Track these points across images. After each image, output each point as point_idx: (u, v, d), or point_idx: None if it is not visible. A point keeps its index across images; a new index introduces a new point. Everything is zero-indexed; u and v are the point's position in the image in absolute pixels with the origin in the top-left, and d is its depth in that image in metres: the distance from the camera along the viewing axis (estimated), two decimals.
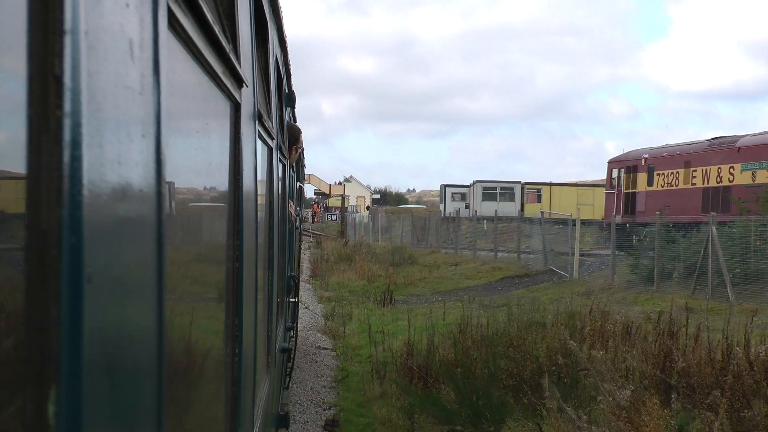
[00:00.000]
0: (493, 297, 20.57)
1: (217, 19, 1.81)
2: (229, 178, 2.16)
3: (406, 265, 29.88)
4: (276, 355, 4.79)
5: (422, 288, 24.43)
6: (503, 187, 58.29)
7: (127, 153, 0.92)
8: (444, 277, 27.00)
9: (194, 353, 1.75)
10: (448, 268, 29.52)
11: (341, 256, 31.62)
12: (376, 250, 35.40)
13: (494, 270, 27.40)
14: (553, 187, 57.19)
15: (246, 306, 2.40)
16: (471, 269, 28.38)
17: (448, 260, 32.10)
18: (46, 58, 0.71)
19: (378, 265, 28.75)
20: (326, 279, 25.33)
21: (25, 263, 0.71)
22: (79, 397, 0.75)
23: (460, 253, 35.00)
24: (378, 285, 23.47)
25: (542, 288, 22.66)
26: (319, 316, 17.52)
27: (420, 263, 30.72)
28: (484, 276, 26.33)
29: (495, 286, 24.16)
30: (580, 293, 19.88)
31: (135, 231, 0.97)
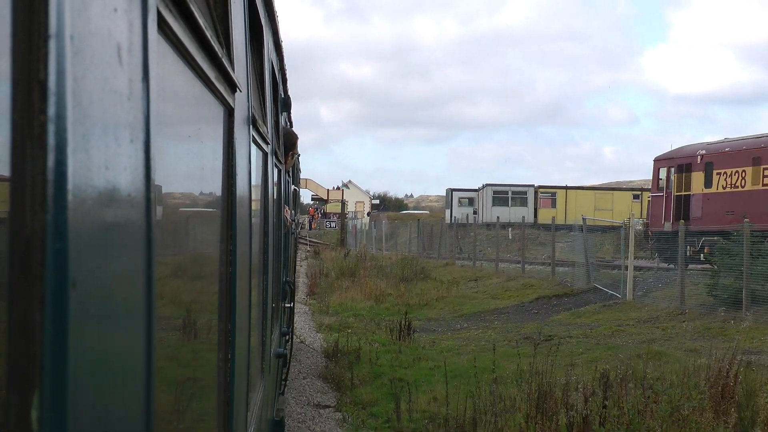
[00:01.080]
0: (531, 324, 17.17)
1: (209, 23, 1.81)
2: (223, 183, 2.16)
3: (418, 281, 26.30)
4: (271, 361, 4.78)
5: (441, 310, 20.72)
6: (515, 191, 54.22)
7: (115, 158, 0.92)
8: (465, 296, 22.99)
9: (186, 358, 1.74)
10: (467, 284, 25.95)
11: (343, 270, 27.74)
12: (381, 262, 31.52)
13: (525, 288, 23.31)
14: (569, 190, 53.60)
15: (239, 311, 2.40)
16: (496, 286, 24.57)
17: (466, 274, 28.58)
18: (30, 63, 0.71)
19: (386, 280, 25.17)
20: (326, 299, 21.38)
21: (9, 268, 0.71)
22: (63, 403, 0.74)
23: (479, 266, 31.01)
24: (388, 306, 20.26)
25: (589, 312, 18.69)
26: (318, 352, 13.56)
27: (434, 278, 27.07)
28: (513, 295, 22.45)
29: (529, 308, 20.54)
30: (642, 320, 16.63)
31: (122, 236, 0.97)
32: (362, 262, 30.50)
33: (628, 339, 14.53)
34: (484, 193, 54.56)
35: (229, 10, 2.19)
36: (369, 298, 21.59)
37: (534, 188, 53.73)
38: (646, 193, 51.51)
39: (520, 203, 52.93)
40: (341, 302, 20.92)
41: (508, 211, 50.18)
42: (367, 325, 16.77)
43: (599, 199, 52.04)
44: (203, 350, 1.98)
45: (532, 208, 52.48)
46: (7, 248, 0.72)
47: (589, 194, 53.23)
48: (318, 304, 20.79)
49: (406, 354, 13.04)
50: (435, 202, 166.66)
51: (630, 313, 17.83)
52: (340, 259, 32.63)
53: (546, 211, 50.35)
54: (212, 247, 2.10)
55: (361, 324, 17.06)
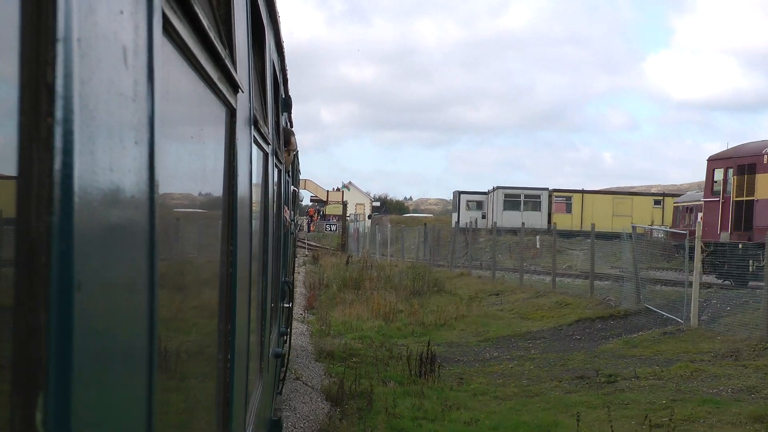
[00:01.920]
0: (577, 354, 14.06)
1: (213, 24, 1.81)
2: (224, 183, 2.16)
3: (431, 294, 22.51)
4: (269, 361, 4.78)
5: (462, 332, 17.22)
6: (528, 194, 50.63)
7: (120, 160, 0.92)
8: (489, 315, 19.39)
9: (186, 358, 1.74)
10: (488, 298, 22.32)
11: (346, 280, 24.15)
12: (388, 271, 28.05)
13: (560, 306, 19.34)
14: (586, 194, 50.28)
15: (239, 311, 2.40)
16: (523, 303, 20.79)
17: (486, 287, 24.74)
18: (38, 66, 0.71)
19: (395, 294, 21.71)
20: (327, 315, 18.12)
21: (14, 270, 0.71)
22: (67, 405, 0.74)
23: (500, 277, 27.00)
24: (399, 326, 17.15)
25: (647, 341, 15.02)
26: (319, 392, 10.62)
27: (449, 291, 23.43)
28: (547, 315, 18.72)
29: (568, 332, 16.82)
30: (720, 355, 13.16)
31: (127, 237, 0.97)
32: (366, 270, 27.09)
33: (717, 385, 11.19)
34: (495, 196, 51.43)
35: (232, 10, 2.19)
36: (377, 315, 18.16)
37: (548, 192, 50.56)
38: (669, 199, 48.58)
39: (532, 207, 49.94)
40: (344, 320, 17.71)
41: (520, 215, 46.15)
42: (377, 352, 13.79)
43: (618, 205, 49.07)
44: (203, 350, 1.98)
45: (546, 213, 49.39)
46: (12, 250, 0.72)
47: (607, 199, 50.16)
48: (318, 322, 17.40)
49: (431, 399, 10.15)
50: (434, 205, 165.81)
51: (700, 344, 14.19)
52: (342, 267, 29.73)
53: (561, 217, 47.54)
54: (213, 247, 2.10)
55: (369, 351, 14.08)
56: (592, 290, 20.78)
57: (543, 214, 49.10)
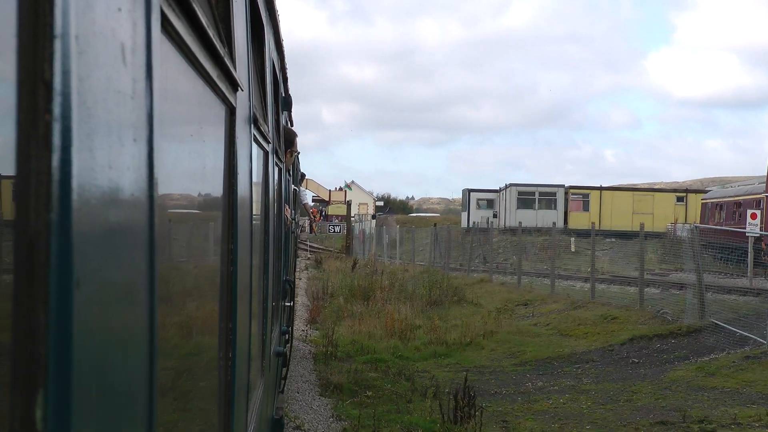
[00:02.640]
0: (641, 385, 11.43)
1: (211, 22, 1.81)
2: (224, 182, 2.16)
3: (450, 305, 19.91)
4: (271, 359, 4.78)
5: (493, 353, 14.29)
6: (543, 191, 47.83)
7: (118, 157, 0.92)
8: (522, 330, 16.38)
9: (187, 357, 1.74)
10: (516, 310, 19.52)
11: (353, 289, 20.88)
12: (398, 276, 25.38)
13: (606, 321, 16.34)
14: (604, 191, 47.38)
15: (240, 310, 2.40)
16: (561, 316, 17.76)
17: (512, 295, 21.79)
18: (35, 63, 0.71)
19: (410, 304, 18.84)
20: (332, 330, 14.73)
21: (13, 267, 0.71)
22: (67, 402, 0.74)
23: (527, 284, 23.98)
24: (418, 346, 14.48)
25: (726, 367, 12.13)
26: None
27: (470, 300, 20.66)
28: (592, 332, 15.65)
29: (623, 353, 13.90)
30: None
31: (126, 235, 0.97)
32: (375, 276, 23.80)
33: None
34: (508, 193, 48.52)
35: (231, 8, 2.19)
36: (391, 332, 15.31)
37: (564, 188, 47.76)
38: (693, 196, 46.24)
39: (547, 205, 47.23)
40: (354, 338, 14.85)
41: (535, 214, 45.06)
42: (397, 385, 11.13)
43: (638, 202, 46.29)
44: (204, 349, 1.98)
45: (562, 212, 46.75)
46: (11, 248, 0.72)
47: (627, 196, 47.28)
48: (322, 341, 14.21)
49: None
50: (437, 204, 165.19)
51: None
52: (348, 273, 26.90)
53: (578, 215, 45.57)
54: (214, 245, 2.10)
55: (386, 381, 11.46)
56: (641, 301, 17.48)
57: (559, 213, 46.39)
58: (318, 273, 30.01)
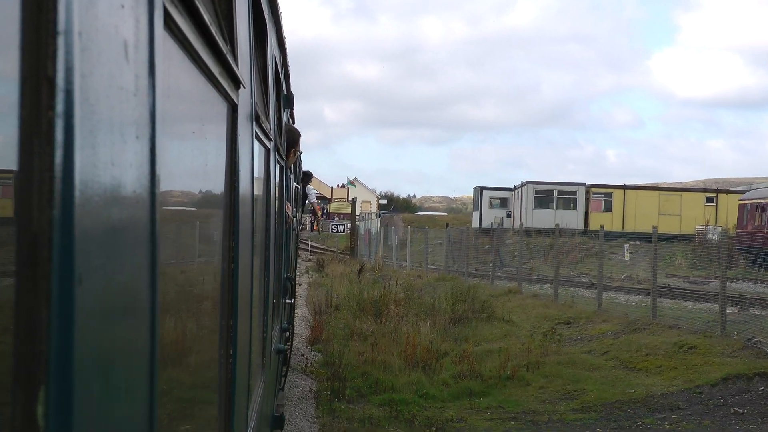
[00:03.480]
0: None
1: (214, 19, 1.81)
2: (226, 179, 2.16)
3: (479, 322, 16.34)
4: (271, 356, 4.79)
5: (543, 392, 11.16)
6: (562, 190, 44.42)
7: (121, 154, 0.92)
8: (576, 361, 12.78)
9: (188, 354, 1.74)
10: (559, 330, 15.36)
11: (362, 303, 16.93)
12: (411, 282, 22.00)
13: (682, 351, 12.84)
14: (628, 190, 44.14)
15: (241, 307, 2.40)
16: (618, 341, 14.28)
17: (549, 311, 18.18)
18: (39, 60, 0.71)
19: (430, 321, 15.58)
20: (338, 355, 12.32)
21: (15, 264, 0.71)
22: (68, 398, 0.75)
23: (566, 297, 20.16)
24: (446, 380, 11.46)
25: None
26: None
27: (501, 317, 17.04)
28: (666, 364, 12.25)
29: (718, 398, 10.62)
30: None
31: (128, 232, 0.97)
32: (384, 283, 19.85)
33: None
34: (524, 192, 44.79)
35: (233, 5, 2.19)
36: (411, 361, 12.17)
37: (585, 187, 44.35)
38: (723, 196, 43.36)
39: (564, 205, 43.94)
40: (365, 369, 11.81)
41: (553, 214, 41.43)
42: None
43: (665, 202, 43.22)
44: (205, 346, 1.98)
45: (583, 212, 43.70)
46: (14, 244, 0.72)
47: (653, 196, 44.16)
48: (326, 372, 11.46)
49: None
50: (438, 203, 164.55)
51: None
52: (353, 279, 23.68)
53: (599, 216, 42.04)
54: (215, 242, 2.10)
55: None
56: (723, 324, 13.73)
57: (579, 213, 43.33)
58: (320, 278, 26.63)
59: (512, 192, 47.98)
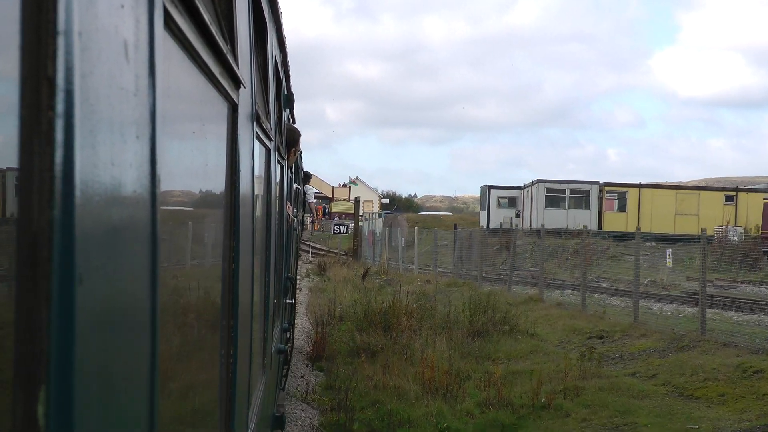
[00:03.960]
0: None
1: (214, 19, 1.81)
2: (226, 179, 2.16)
3: (500, 336, 14.37)
4: (272, 356, 4.79)
5: (586, 425, 9.33)
6: (574, 189, 42.50)
7: (121, 154, 0.92)
8: (620, 386, 10.81)
9: (189, 354, 1.74)
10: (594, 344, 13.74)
11: (369, 313, 14.39)
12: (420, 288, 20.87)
13: (747, 375, 10.93)
14: (643, 189, 42.03)
15: (242, 307, 2.40)
16: (665, 361, 12.31)
17: (577, 323, 16.11)
18: (38, 60, 0.71)
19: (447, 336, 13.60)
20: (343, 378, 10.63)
21: (16, 263, 0.71)
22: (69, 398, 0.75)
23: (594, 306, 18.40)
24: (470, 409, 9.67)
25: None
26: None
27: (525, 330, 14.95)
28: (729, 392, 10.36)
29: None
30: None
31: (128, 232, 0.97)
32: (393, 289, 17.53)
33: None
34: (535, 191, 42.86)
35: (234, 5, 2.19)
36: (429, 387, 10.29)
37: (599, 186, 42.43)
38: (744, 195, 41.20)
39: (576, 204, 41.96)
40: (376, 397, 9.97)
41: (565, 214, 40.31)
42: None
43: (682, 201, 41.16)
44: (206, 345, 1.98)
45: (596, 212, 41.73)
46: (14, 244, 0.72)
47: (669, 195, 42.14)
48: (330, 401, 9.72)
49: None
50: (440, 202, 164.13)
51: None
52: (358, 284, 21.51)
53: (613, 216, 40.82)
54: (215, 242, 2.10)
55: None
56: None
57: (592, 213, 41.43)
58: (322, 282, 24.67)
59: (521, 191, 46.20)
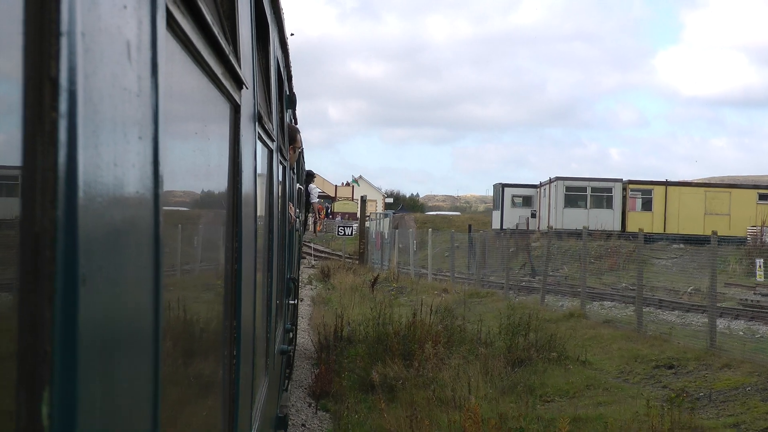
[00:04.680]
0: None
1: (216, 20, 1.81)
2: (228, 179, 2.16)
3: (546, 365, 11.61)
4: (275, 357, 4.79)
5: None
6: (596, 187, 39.36)
7: (124, 155, 0.92)
8: None
9: (192, 355, 1.75)
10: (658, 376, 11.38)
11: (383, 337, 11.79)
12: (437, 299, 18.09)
13: None
14: (670, 187, 38.84)
15: (244, 308, 2.40)
16: None
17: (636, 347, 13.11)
18: (42, 60, 0.71)
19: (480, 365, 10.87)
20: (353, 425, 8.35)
21: (19, 264, 0.71)
22: (72, 399, 0.75)
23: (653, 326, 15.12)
24: None
25: None
26: None
27: (574, 356, 12.21)
28: None
29: None
30: None
31: (131, 232, 0.97)
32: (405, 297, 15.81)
33: None
34: (553, 189, 39.77)
35: (236, 6, 2.19)
36: None
37: (622, 183, 39.36)
38: None
39: (597, 203, 38.84)
40: None
41: (586, 214, 37.03)
42: None
43: (712, 200, 38.10)
44: (209, 346, 1.98)
45: (619, 211, 38.80)
46: (18, 244, 0.72)
47: (698, 193, 38.84)
48: None
49: None
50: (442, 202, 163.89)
51: None
52: (366, 292, 19.20)
53: (638, 216, 37.81)
54: (218, 243, 2.10)
55: None
56: None
57: (615, 213, 38.52)
58: (325, 291, 22.01)
59: (537, 189, 43.24)
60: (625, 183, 39.44)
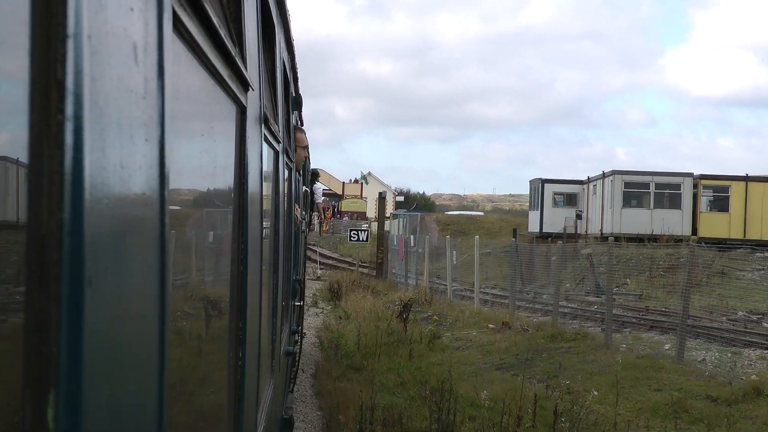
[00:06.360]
0: None
1: (223, 22, 1.81)
2: (235, 181, 2.16)
3: None
4: (280, 359, 4.79)
5: None
6: (661, 182, 32.78)
7: (130, 157, 0.92)
8: None
9: (197, 356, 1.75)
10: None
11: None
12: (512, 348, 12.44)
13: None
14: (751, 183, 32.20)
15: (250, 309, 2.40)
16: None
17: None
18: (48, 63, 0.71)
19: None
20: None
21: (25, 267, 0.71)
22: (78, 401, 0.75)
23: None
24: None
25: None
26: None
27: None
28: None
29: None
30: None
31: (137, 234, 0.97)
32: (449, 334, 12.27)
33: None
34: (609, 185, 33.24)
35: (242, 8, 2.19)
36: None
37: (693, 178, 32.81)
38: None
39: (658, 203, 32.58)
40: None
41: (649, 215, 31.66)
42: None
43: None
44: (215, 348, 1.98)
45: (689, 212, 32.51)
46: (24, 247, 0.72)
47: None
48: None
49: None
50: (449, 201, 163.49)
51: None
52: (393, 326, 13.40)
53: (712, 217, 32.13)
54: (224, 245, 2.11)
55: None
56: None
57: (684, 214, 32.35)
58: (335, 319, 16.45)
59: (583, 185, 36.74)
60: (697, 178, 33.08)
